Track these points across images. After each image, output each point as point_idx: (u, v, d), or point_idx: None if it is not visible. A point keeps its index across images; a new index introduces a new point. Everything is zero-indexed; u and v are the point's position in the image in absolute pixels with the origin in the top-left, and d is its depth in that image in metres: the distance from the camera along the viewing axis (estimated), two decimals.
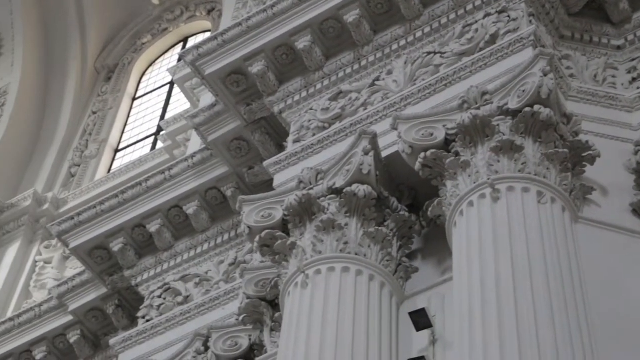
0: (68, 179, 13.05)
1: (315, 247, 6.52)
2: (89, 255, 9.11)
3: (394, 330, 6.24)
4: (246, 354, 7.32)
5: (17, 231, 12.12)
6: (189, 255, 8.77)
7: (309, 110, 7.84)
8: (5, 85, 13.58)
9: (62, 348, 9.74)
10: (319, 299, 6.23)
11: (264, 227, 6.85)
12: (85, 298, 9.46)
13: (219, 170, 8.81)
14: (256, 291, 7.10)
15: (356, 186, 6.68)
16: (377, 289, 6.33)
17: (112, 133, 13.60)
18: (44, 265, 11.78)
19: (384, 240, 6.55)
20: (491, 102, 6.50)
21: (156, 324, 8.24)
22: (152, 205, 8.93)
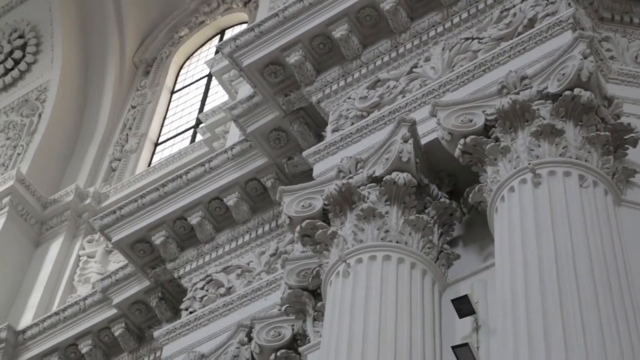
0: (109, 173, 13.15)
1: (356, 236, 6.51)
2: (132, 249, 9.16)
3: (437, 318, 6.23)
4: (289, 344, 7.33)
5: (60, 226, 12.23)
6: (230, 247, 8.80)
7: (347, 99, 7.83)
8: (45, 81, 13.70)
9: (107, 341, 9.82)
10: (360, 287, 6.22)
11: (305, 217, 6.86)
12: (129, 291, 9.52)
13: (259, 161, 8.82)
14: (298, 281, 7.11)
15: (396, 174, 6.66)
16: (418, 277, 6.31)
17: (151, 127, 13.67)
18: (87, 259, 11.88)
19: (424, 227, 6.53)
20: (530, 87, 6.45)
21: (199, 315, 8.28)
22: (193, 198, 8.97)
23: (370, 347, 5.84)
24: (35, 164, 12.80)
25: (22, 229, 12.07)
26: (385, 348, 5.84)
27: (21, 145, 13.13)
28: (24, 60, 14.00)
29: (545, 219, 5.81)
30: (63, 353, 9.93)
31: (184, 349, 8.10)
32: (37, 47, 13.99)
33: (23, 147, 13.08)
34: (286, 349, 7.32)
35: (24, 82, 13.91)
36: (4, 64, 14.05)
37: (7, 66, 14.03)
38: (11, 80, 13.96)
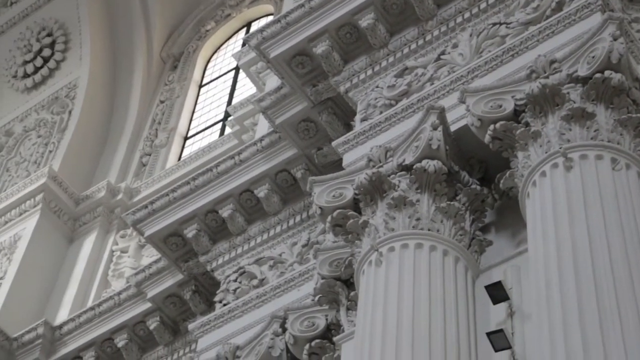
0: (140, 168, 13.21)
1: (387, 225, 6.51)
2: (164, 243, 9.21)
3: (471, 305, 6.21)
4: (323, 334, 7.34)
5: (93, 222, 12.31)
6: (262, 239, 8.82)
7: (375, 88, 7.82)
8: (74, 79, 13.78)
9: (143, 335, 9.87)
10: (393, 276, 6.22)
11: (336, 206, 6.86)
12: (163, 285, 9.57)
13: (288, 152, 8.83)
14: (330, 271, 7.12)
15: (426, 162, 6.65)
16: (451, 264, 6.30)
17: (180, 121, 13.71)
18: (120, 254, 11.95)
19: (456, 214, 6.52)
20: (560, 70, 6.41)
21: (233, 307, 8.31)
22: (224, 191, 8.99)
23: (405, 335, 5.84)
24: (67, 160, 12.88)
25: (56, 226, 12.16)
26: (420, 336, 5.83)
27: (52, 142, 13.22)
28: (53, 58, 14.09)
29: (577, 203, 5.78)
30: (99, 347, 10.01)
31: (218, 341, 8.13)
32: (66, 45, 14.07)
33: (54, 144, 13.17)
34: (320, 339, 7.33)
35: (53, 79, 14.00)
36: (34, 62, 14.15)
37: (36, 64, 14.12)
38: (41, 78, 14.06)
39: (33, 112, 13.87)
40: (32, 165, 13.09)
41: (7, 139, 13.79)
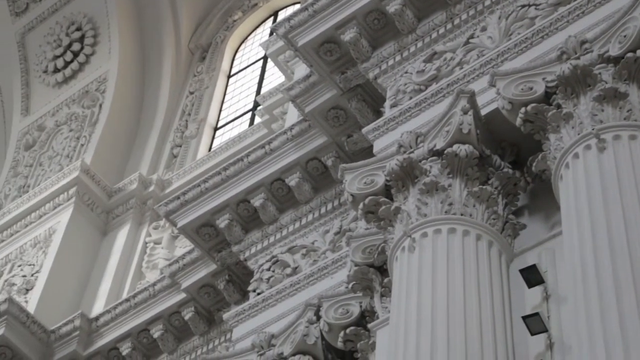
0: (171, 159, 13.26)
1: (419, 210, 6.49)
2: (197, 233, 9.24)
3: (505, 289, 6.19)
4: (358, 321, 7.34)
5: (125, 214, 12.37)
6: (294, 227, 8.83)
7: (404, 74, 7.79)
8: (104, 72, 13.85)
9: (178, 325, 9.93)
10: (427, 261, 6.21)
11: (367, 193, 6.85)
12: (196, 275, 9.61)
13: (318, 140, 8.83)
14: (363, 258, 7.11)
15: (457, 146, 6.62)
16: (485, 249, 6.28)
17: (210, 112, 13.74)
18: (154, 245, 12.00)
19: (489, 198, 6.48)
20: (591, 51, 6.35)
21: (267, 296, 8.32)
22: (255, 180, 9.01)
23: (440, 321, 5.83)
24: (99, 154, 12.96)
25: (89, 219, 12.23)
26: (455, 321, 5.81)
27: (84, 136, 13.30)
28: (82, 52, 14.16)
29: (611, 184, 5.73)
30: (136, 338, 10.08)
31: (253, 330, 8.16)
32: (95, 39, 14.13)
33: (86, 138, 13.24)
34: (355, 326, 7.32)
35: (83, 73, 14.07)
36: (64, 57, 14.23)
37: (66, 59, 14.20)
38: (71, 72, 14.14)
39: (64, 106, 13.95)
40: (64, 159, 13.18)
41: (40, 134, 13.88)
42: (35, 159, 13.58)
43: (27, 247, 12.04)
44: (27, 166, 13.54)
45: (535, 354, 5.81)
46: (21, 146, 13.90)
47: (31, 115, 14.13)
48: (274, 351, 7.59)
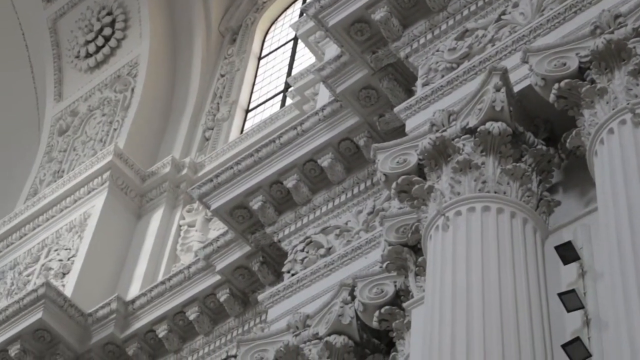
0: (203, 142, 13.29)
1: (453, 189, 6.47)
2: (230, 215, 9.28)
3: (541, 266, 6.16)
4: (392, 301, 7.33)
5: (159, 198, 12.43)
6: (327, 208, 8.83)
7: (435, 52, 7.75)
8: (135, 56, 13.89)
9: (213, 307, 9.98)
10: (461, 240, 6.19)
11: (400, 173, 6.84)
12: (231, 257, 9.65)
13: (350, 120, 8.82)
14: (397, 237, 7.11)
15: (490, 124, 6.58)
16: (519, 226, 6.25)
17: (241, 94, 13.75)
18: (187, 228, 12.06)
19: (522, 176, 6.45)
20: (625, 25, 6.28)
21: (301, 277, 8.35)
22: (287, 161, 9.02)
23: (475, 299, 5.81)
24: (132, 138, 13.02)
25: (124, 203, 12.30)
26: (490, 299, 5.80)
27: (117, 120, 13.36)
28: (113, 37, 14.21)
29: None
30: (172, 321, 10.15)
31: (288, 311, 8.18)
32: (126, 23, 14.18)
33: (119, 122, 13.31)
34: (390, 305, 7.32)
35: (115, 58, 14.13)
36: (95, 41, 14.29)
37: (98, 44, 14.26)
38: (103, 57, 14.20)
39: (97, 91, 14.02)
40: (98, 143, 13.26)
41: (73, 119, 13.97)
42: (69, 144, 13.67)
43: (63, 231, 12.14)
44: (61, 151, 13.64)
45: (572, 330, 5.79)
46: (55, 131, 14.00)
47: (64, 100, 14.22)
48: (309, 331, 7.62)
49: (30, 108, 14.75)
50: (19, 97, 14.82)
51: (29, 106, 14.76)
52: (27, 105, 14.77)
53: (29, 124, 14.73)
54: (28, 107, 14.77)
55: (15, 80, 14.81)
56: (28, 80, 14.75)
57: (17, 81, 14.80)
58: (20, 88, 14.80)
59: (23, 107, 14.81)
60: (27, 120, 14.76)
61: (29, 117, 14.74)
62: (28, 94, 14.75)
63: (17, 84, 14.81)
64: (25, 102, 14.80)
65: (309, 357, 7.44)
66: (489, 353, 5.52)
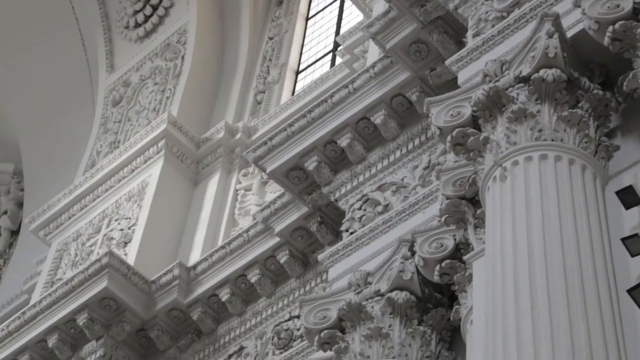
0: (255, 106, 13.32)
1: (509, 139, 6.41)
2: (286, 177, 9.31)
3: (602, 212, 6.10)
4: (453, 254, 7.32)
5: (214, 163, 12.50)
6: (382, 165, 8.82)
7: (485, 2, 7.64)
8: (184, 24, 13.92)
9: (274, 269, 10.05)
10: (519, 190, 6.14)
11: (454, 125, 6.80)
12: (289, 219, 9.70)
13: (401, 76, 8.77)
14: (454, 191, 7.08)
15: (544, 71, 6.50)
16: (578, 173, 6.18)
17: (290, 56, 13.72)
18: (244, 192, 12.12)
19: (579, 122, 6.37)
20: None
21: (360, 235, 8.36)
22: (340, 120, 9.01)
23: (537, 248, 5.78)
24: (184, 105, 13.08)
25: (180, 170, 12.40)
26: (552, 247, 5.76)
27: (169, 88, 13.43)
28: (161, 5, 14.24)
29: None
30: (234, 284, 10.25)
31: (349, 269, 8.21)
32: None
33: (171, 90, 13.38)
34: (450, 259, 7.31)
35: (163, 27, 14.18)
36: (143, 11, 14.34)
37: (146, 13, 14.31)
38: (151, 26, 14.25)
39: (147, 60, 14.09)
40: (151, 112, 13.35)
41: (126, 89, 14.08)
42: (123, 115, 13.79)
43: (122, 201, 12.28)
44: (116, 122, 13.77)
45: (637, 275, 5.73)
46: (109, 103, 14.12)
47: (116, 71, 14.32)
48: (371, 289, 7.64)
49: (83, 81, 14.90)
50: (72, 71, 14.96)
51: (82, 79, 14.91)
52: (81, 79, 14.92)
53: (83, 97, 14.88)
54: (81, 80, 14.91)
55: (67, 55, 14.95)
56: (80, 53, 14.88)
57: (70, 55, 14.94)
58: (73, 62, 14.94)
59: (77, 81, 14.96)
60: (81, 93, 14.91)
61: (83, 90, 14.89)
62: (81, 68, 14.89)
63: (70, 58, 14.95)
64: (78, 75, 14.94)
65: (372, 314, 7.47)
66: (553, 301, 5.49)
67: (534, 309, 5.47)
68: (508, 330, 5.46)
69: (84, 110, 14.75)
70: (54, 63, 15.02)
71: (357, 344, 7.35)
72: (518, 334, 5.40)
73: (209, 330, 10.37)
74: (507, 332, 5.45)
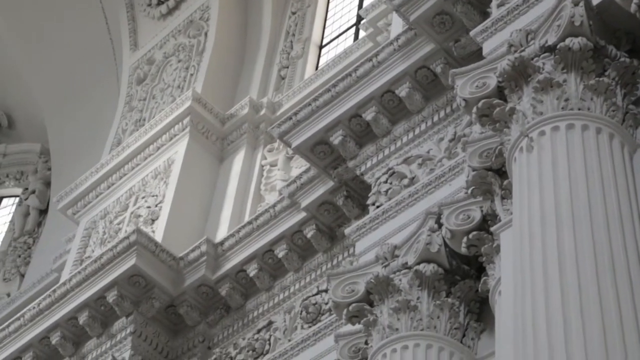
0: (279, 82, 13.30)
1: (535, 109, 6.38)
2: (312, 152, 9.31)
3: (630, 181, 6.06)
4: (480, 225, 7.30)
5: (239, 140, 12.51)
6: (408, 138, 8.80)
7: None
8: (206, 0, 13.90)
9: (301, 244, 10.07)
10: (546, 160, 6.12)
11: (480, 97, 6.77)
12: (315, 193, 9.71)
13: (425, 48, 8.72)
14: (481, 162, 7.06)
15: (570, 40, 6.45)
16: (606, 142, 6.15)
17: (314, 30, 13.67)
18: (270, 168, 12.13)
19: (606, 90, 6.33)
20: None
21: (386, 208, 8.36)
22: (365, 94, 8.99)
23: (565, 218, 5.76)
24: (208, 82, 13.08)
25: (205, 147, 12.42)
26: (580, 217, 5.74)
27: (192, 65, 13.44)
28: None
29: None
30: (261, 259, 10.28)
31: (376, 243, 8.21)
32: None
33: (194, 67, 13.38)
34: (477, 230, 7.29)
35: (186, 3, 14.16)
36: None
37: None
38: (174, 3, 14.23)
39: (171, 37, 14.10)
40: (176, 90, 13.37)
41: (150, 67, 14.10)
42: (147, 92, 13.82)
43: (149, 178, 12.34)
44: (141, 100, 13.80)
45: None
46: (133, 81, 14.15)
47: (140, 49, 14.33)
48: (398, 262, 7.64)
49: (107, 60, 14.94)
50: (96, 49, 15.01)
51: (106, 58, 14.95)
52: (105, 57, 14.96)
53: (107, 75, 14.93)
54: (106, 58, 14.96)
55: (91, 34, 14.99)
56: (104, 32, 14.91)
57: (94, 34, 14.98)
58: (96, 41, 14.98)
59: (101, 59, 15.01)
60: (105, 72, 14.96)
61: (108, 69, 14.94)
62: (105, 46, 14.93)
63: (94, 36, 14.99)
64: (102, 54, 14.99)
65: (400, 286, 7.48)
66: (582, 271, 5.48)
67: (563, 278, 5.46)
68: (537, 300, 5.46)
69: (108, 88, 14.81)
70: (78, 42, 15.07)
71: (386, 317, 7.36)
72: (547, 303, 5.39)
73: (237, 306, 10.43)
74: (536, 302, 5.45)
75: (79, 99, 15.10)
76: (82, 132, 15.09)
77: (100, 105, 14.85)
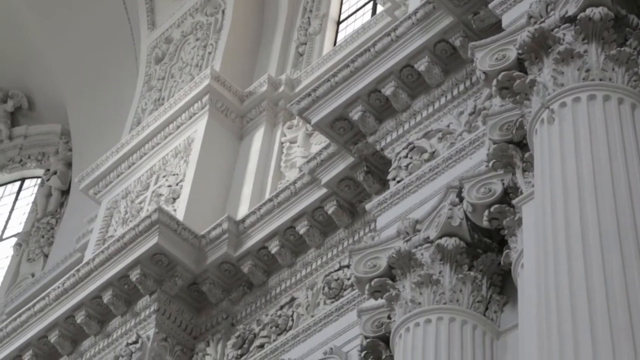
0: (297, 58, 13.27)
1: (556, 80, 6.34)
2: (331, 128, 9.30)
3: None
4: (501, 199, 7.27)
5: (259, 117, 12.51)
6: (427, 112, 8.77)
7: None
8: None
9: (322, 220, 10.08)
10: (568, 131, 6.09)
11: (500, 69, 6.74)
12: (335, 169, 9.70)
13: (444, 21, 8.67)
14: (501, 135, 7.02)
15: (590, 10, 6.40)
16: (628, 112, 6.11)
17: (331, 6, 13.63)
18: (289, 145, 12.13)
19: (628, 60, 6.28)
20: None
21: (407, 183, 8.34)
22: (384, 69, 8.95)
23: (587, 190, 5.74)
24: (227, 60, 13.08)
25: (225, 125, 12.44)
26: (603, 188, 5.72)
27: (210, 44, 13.43)
28: None
29: None
30: (283, 236, 10.30)
31: (397, 218, 8.20)
32: None
33: (212, 45, 13.37)
34: (499, 203, 7.26)
35: None
36: None
37: None
38: None
39: (188, 16, 14.09)
40: (194, 68, 13.37)
41: (168, 46, 14.10)
42: (166, 72, 13.83)
43: (169, 157, 12.37)
44: (160, 79, 13.82)
45: None
46: (152, 60, 14.16)
47: (157, 28, 14.34)
48: (420, 236, 7.63)
49: (126, 39, 14.96)
50: (115, 30, 15.02)
51: (124, 38, 14.97)
52: (123, 37, 14.98)
53: (126, 55, 14.95)
54: (124, 38, 14.98)
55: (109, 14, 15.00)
56: (121, 12, 14.92)
57: (111, 14, 14.99)
58: (114, 21, 14.99)
59: (119, 39, 15.02)
60: (124, 52, 14.98)
61: (126, 49, 14.96)
62: (122, 26, 14.95)
63: (112, 17, 15.00)
64: (120, 34, 15.00)
65: (422, 261, 7.48)
66: (605, 243, 5.46)
67: (586, 249, 5.44)
68: (560, 272, 5.45)
69: (127, 68, 14.83)
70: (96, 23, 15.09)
71: (408, 291, 7.37)
72: (570, 275, 5.38)
73: (259, 283, 10.46)
74: (559, 274, 5.44)
75: (98, 80, 15.14)
76: (102, 112, 15.13)
77: (120, 85, 14.88)
